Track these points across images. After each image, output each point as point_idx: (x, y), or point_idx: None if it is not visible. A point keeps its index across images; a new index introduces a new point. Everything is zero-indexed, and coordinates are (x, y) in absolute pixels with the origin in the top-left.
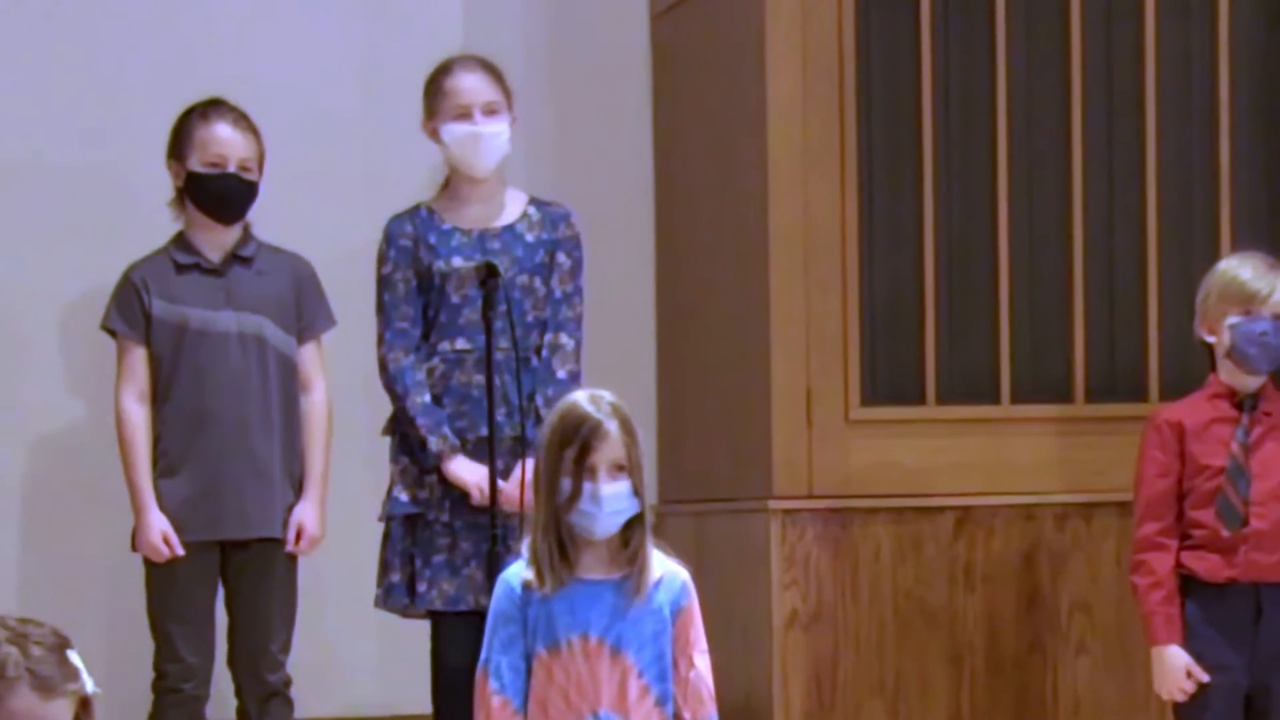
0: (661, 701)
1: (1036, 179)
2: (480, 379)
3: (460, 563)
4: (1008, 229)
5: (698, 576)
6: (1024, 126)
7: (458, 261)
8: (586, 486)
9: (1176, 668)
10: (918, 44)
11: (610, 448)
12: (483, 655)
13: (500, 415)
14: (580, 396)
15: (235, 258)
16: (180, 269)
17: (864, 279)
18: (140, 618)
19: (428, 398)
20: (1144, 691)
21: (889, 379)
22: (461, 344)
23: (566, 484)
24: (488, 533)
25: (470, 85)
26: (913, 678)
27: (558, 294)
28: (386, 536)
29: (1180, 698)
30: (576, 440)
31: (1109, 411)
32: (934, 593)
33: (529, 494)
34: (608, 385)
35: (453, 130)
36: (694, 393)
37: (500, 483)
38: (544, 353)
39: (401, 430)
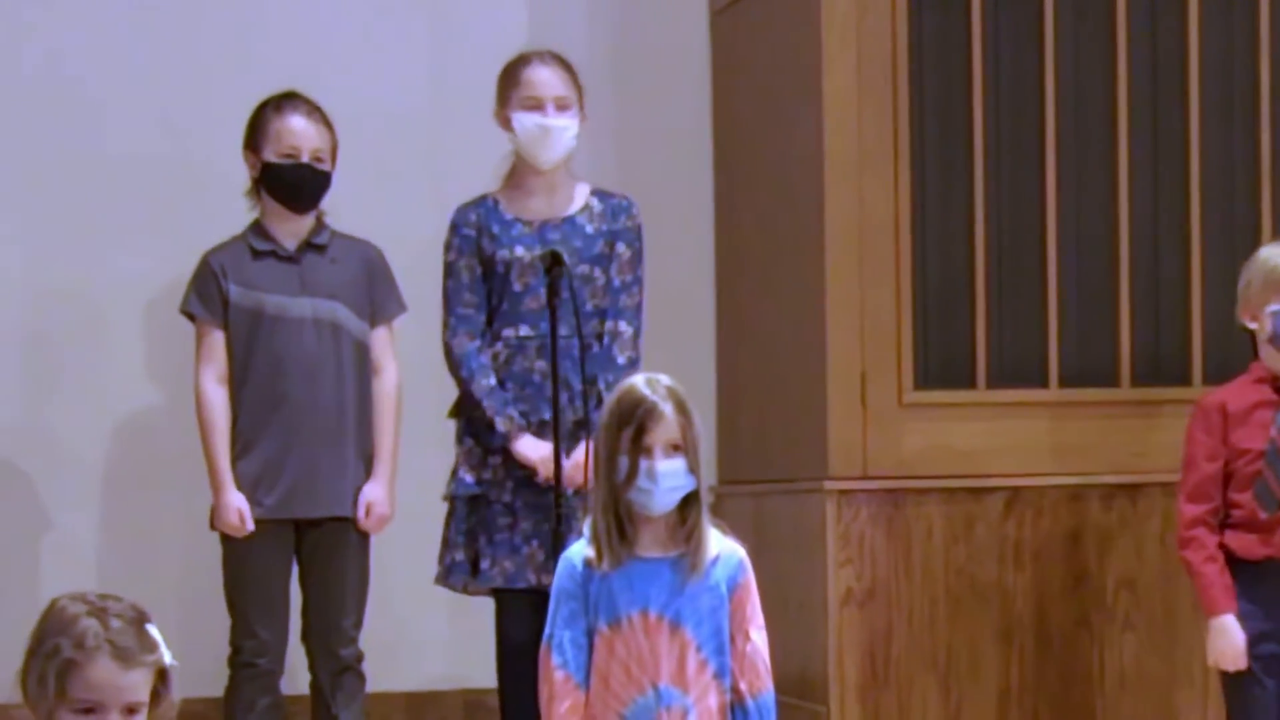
0: (720, 675)
1: (1084, 170)
2: (541, 364)
3: (520, 541)
4: (1056, 218)
5: (756, 555)
6: (1071, 119)
7: (520, 251)
8: (643, 464)
9: (1237, 640)
10: (969, 39)
11: (665, 428)
12: (546, 631)
13: (563, 399)
14: (638, 380)
15: (309, 245)
16: (256, 255)
17: (917, 267)
18: (217, 595)
19: (493, 380)
20: (1188, 666)
21: (941, 364)
22: (524, 330)
23: (624, 463)
24: (547, 512)
25: (545, 78)
26: (964, 653)
27: (616, 283)
28: (450, 515)
29: (1234, 667)
30: (633, 421)
31: (1154, 395)
32: (984, 571)
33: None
34: (669, 370)
35: (523, 120)
36: (752, 377)
37: (563, 461)
38: (605, 340)
39: (467, 413)
